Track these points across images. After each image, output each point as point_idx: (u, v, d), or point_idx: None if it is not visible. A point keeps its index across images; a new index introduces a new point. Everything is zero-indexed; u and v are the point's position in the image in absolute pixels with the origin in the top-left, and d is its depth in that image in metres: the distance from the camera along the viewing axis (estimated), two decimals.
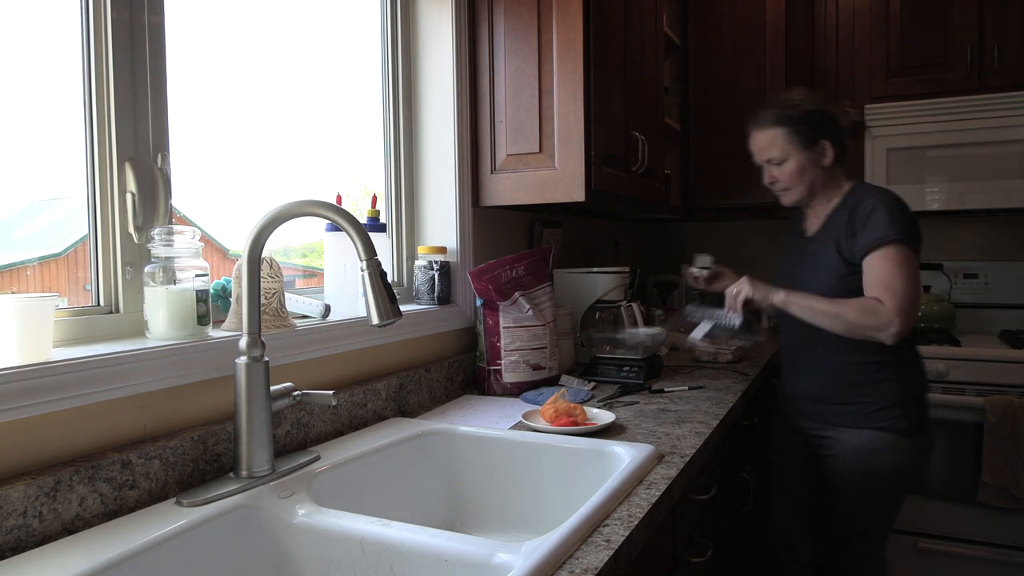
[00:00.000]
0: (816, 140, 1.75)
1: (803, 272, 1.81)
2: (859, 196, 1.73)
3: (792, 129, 1.75)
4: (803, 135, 1.74)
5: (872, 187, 1.77)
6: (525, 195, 1.87)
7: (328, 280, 1.55)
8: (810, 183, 1.78)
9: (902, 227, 1.63)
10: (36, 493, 0.87)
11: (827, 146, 1.75)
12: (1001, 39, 2.62)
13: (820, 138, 1.75)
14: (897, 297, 1.61)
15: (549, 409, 1.43)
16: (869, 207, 1.68)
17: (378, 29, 1.85)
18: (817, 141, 1.75)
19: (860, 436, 1.73)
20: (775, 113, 1.77)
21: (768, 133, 1.78)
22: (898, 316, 1.60)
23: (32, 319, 0.92)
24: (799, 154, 1.76)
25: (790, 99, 1.79)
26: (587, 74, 1.79)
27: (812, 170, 1.77)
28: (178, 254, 1.12)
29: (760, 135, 1.80)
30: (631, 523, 0.95)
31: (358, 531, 0.93)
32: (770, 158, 1.79)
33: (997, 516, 2.40)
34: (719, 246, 3.55)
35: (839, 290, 1.70)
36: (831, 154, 1.76)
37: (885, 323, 1.61)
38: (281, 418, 1.24)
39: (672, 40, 2.81)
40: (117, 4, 1.11)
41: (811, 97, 1.79)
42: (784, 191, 1.83)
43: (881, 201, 1.68)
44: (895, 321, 1.60)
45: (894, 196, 1.70)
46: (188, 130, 1.28)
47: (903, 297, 1.61)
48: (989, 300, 2.95)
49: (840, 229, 1.72)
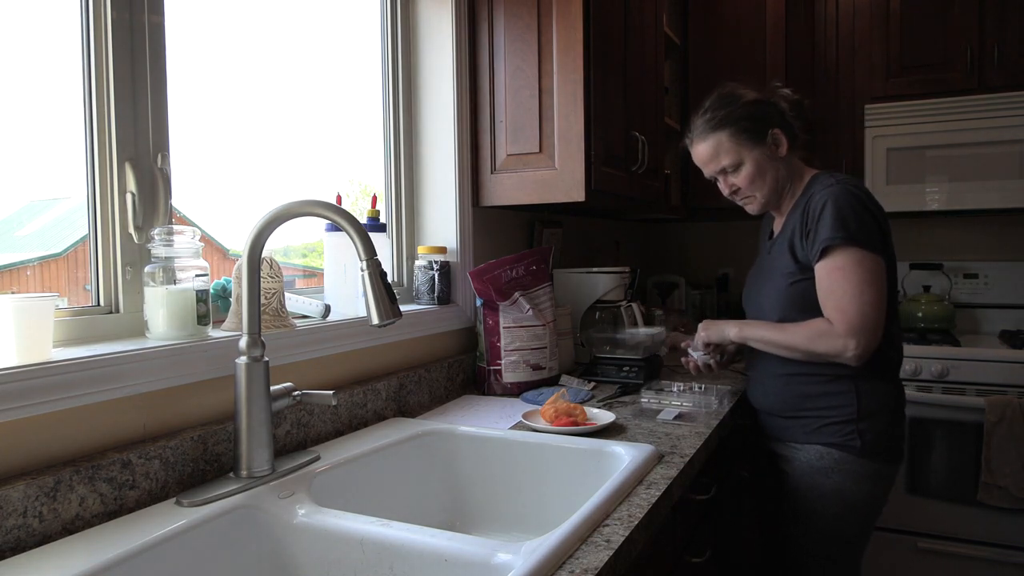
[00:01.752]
0: (765, 131, 1.58)
1: (761, 277, 1.68)
2: (812, 192, 1.56)
3: (735, 128, 1.58)
4: (749, 131, 1.58)
5: (826, 179, 1.57)
6: (525, 195, 1.87)
7: (328, 280, 1.55)
8: (773, 181, 1.61)
9: (851, 226, 1.45)
10: (36, 493, 0.87)
11: (779, 134, 1.58)
12: (1001, 39, 2.62)
13: (768, 128, 1.58)
14: (847, 315, 1.45)
15: (549, 409, 1.43)
16: (819, 205, 1.50)
17: (378, 29, 1.85)
18: (766, 132, 1.58)
19: (809, 452, 1.59)
20: (709, 117, 1.61)
21: (709, 141, 1.61)
22: (851, 337, 1.44)
23: (32, 319, 0.92)
24: (752, 152, 1.58)
25: (720, 98, 1.63)
26: (587, 74, 1.79)
27: (772, 165, 1.60)
28: (178, 254, 1.12)
29: (702, 146, 1.63)
30: (631, 523, 0.95)
31: (358, 531, 0.93)
32: (722, 167, 1.62)
33: (997, 516, 2.40)
34: (719, 246, 3.55)
35: (791, 296, 1.56)
36: (785, 142, 1.59)
37: (840, 348, 1.46)
38: (281, 418, 1.24)
39: (672, 40, 2.81)
40: (117, 4, 1.11)
41: (739, 89, 1.63)
42: (748, 199, 1.65)
43: (830, 196, 1.49)
44: (849, 343, 1.44)
45: (846, 188, 1.51)
46: (188, 130, 1.28)
47: (853, 314, 1.44)
48: (989, 300, 2.95)
49: (795, 228, 1.56)
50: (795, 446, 1.63)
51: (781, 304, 1.59)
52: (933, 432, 2.49)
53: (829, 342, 1.47)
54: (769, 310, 1.62)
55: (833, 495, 1.57)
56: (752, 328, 1.62)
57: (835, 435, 1.55)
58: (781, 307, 1.59)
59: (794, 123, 1.63)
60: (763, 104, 1.62)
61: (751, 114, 1.59)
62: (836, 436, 1.55)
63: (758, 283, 1.70)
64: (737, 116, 1.59)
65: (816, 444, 1.58)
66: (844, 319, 1.46)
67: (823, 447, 1.57)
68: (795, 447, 1.63)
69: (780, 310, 1.59)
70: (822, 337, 1.48)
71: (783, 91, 1.65)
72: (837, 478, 1.56)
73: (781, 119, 1.61)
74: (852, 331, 1.45)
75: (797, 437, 1.62)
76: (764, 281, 1.67)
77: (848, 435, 1.54)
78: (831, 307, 1.48)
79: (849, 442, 1.54)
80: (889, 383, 1.59)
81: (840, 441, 1.55)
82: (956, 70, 2.69)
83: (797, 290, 1.56)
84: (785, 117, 1.62)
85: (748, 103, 1.61)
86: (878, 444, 1.54)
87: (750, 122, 1.59)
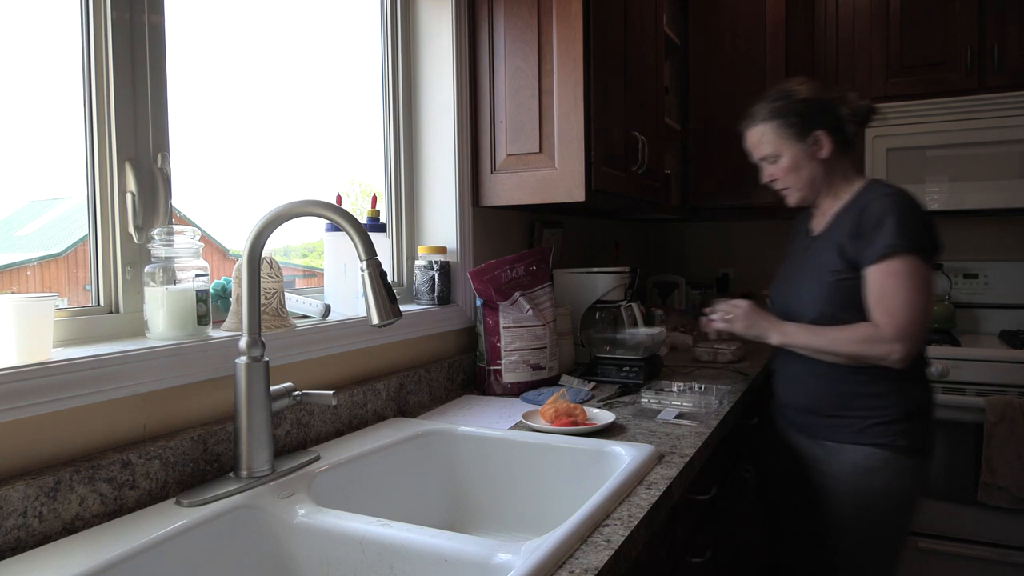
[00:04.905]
0: (809, 132, 1.64)
1: (801, 273, 1.71)
2: (870, 197, 1.61)
3: (782, 122, 1.66)
4: (794, 127, 1.65)
5: (884, 187, 1.62)
6: (525, 195, 1.87)
7: (328, 280, 1.55)
8: (809, 179, 1.68)
9: (912, 236, 1.51)
10: (36, 493, 0.87)
11: (822, 137, 1.64)
12: (1001, 39, 2.62)
13: (813, 129, 1.64)
14: (897, 320, 1.50)
15: (549, 409, 1.43)
16: (879, 211, 1.55)
17: (378, 29, 1.85)
18: (810, 133, 1.64)
19: (856, 453, 1.60)
20: (764, 107, 1.69)
21: (759, 129, 1.70)
22: (899, 341, 1.49)
23: (32, 319, 0.92)
24: (792, 148, 1.66)
25: (781, 90, 1.70)
26: (587, 74, 1.79)
27: (809, 164, 1.66)
28: (178, 254, 1.12)
29: (752, 132, 1.72)
30: (631, 523, 0.95)
31: (358, 531, 0.93)
32: (764, 155, 1.71)
33: (997, 516, 2.40)
34: (719, 246, 3.55)
35: (835, 293, 1.60)
36: (828, 145, 1.64)
37: (885, 352, 1.51)
38: (281, 418, 1.24)
39: (672, 40, 2.81)
40: (117, 4, 1.11)
41: (804, 86, 1.68)
42: (784, 190, 1.73)
43: (892, 205, 1.55)
44: (896, 348, 1.49)
45: (907, 198, 1.57)
46: (188, 130, 1.28)
47: (904, 319, 1.49)
48: (989, 300, 2.95)
49: (846, 230, 1.60)
50: (838, 446, 1.63)
51: (822, 300, 1.62)
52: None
53: (876, 347, 1.52)
54: (807, 304, 1.66)
55: (881, 493, 1.59)
56: (794, 335, 1.65)
57: (882, 435, 1.57)
58: (822, 303, 1.62)
59: (849, 129, 1.67)
60: (816, 104, 1.66)
61: (800, 111, 1.65)
62: (883, 436, 1.57)
63: (795, 279, 1.73)
64: (786, 111, 1.66)
65: (862, 444, 1.59)
66: (893, 323, 1.50)
67: (870, 447, 1.58)
68: (838, 447, 1.63)
69: (820, 306, 1.63)
70: (868, 342, 1.53)
71: (851, 96, 1.69)
72: (885, 476, 1.58)
73: (833, 123, 1.66)
74: (900, 336, 1.50)
75: (841, 437, 1.62)
76: (803, 277, 1.70)
77: (894, 435, 1.57)
78: (881, 310, 1.52)
79: (895, 442, 1.57)
80: (923, 383, 1.63)
81: (887, 441, 1.57)
82: (956, 70, 2.69)
83: (842, 287, 1.59)
84: (841, 122, 1.66)
85: (800, 100, 1.66)
86: (918, 441, 1.58)
87: (797, 118, 1.65)
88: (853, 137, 1.69)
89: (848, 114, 1.66)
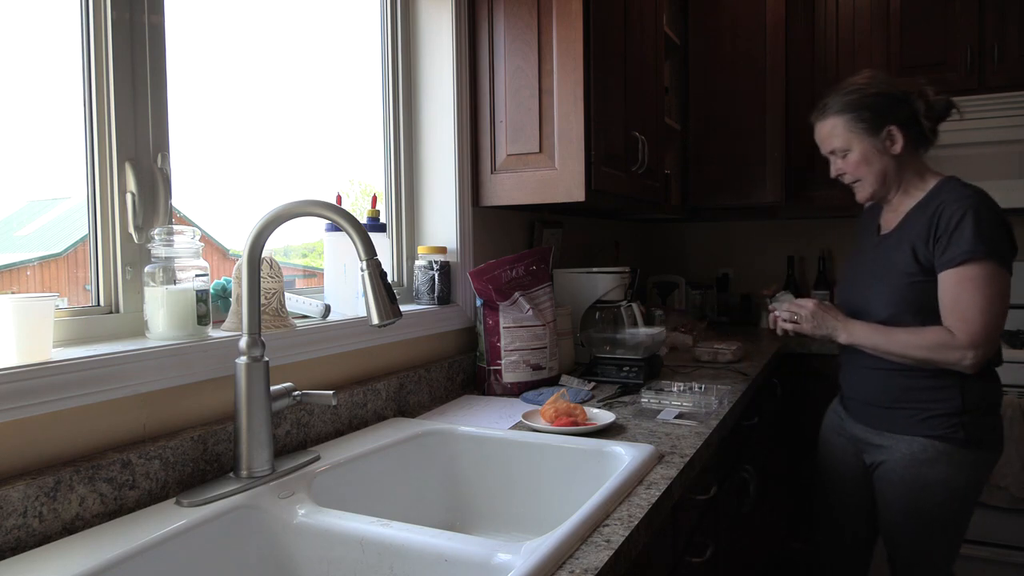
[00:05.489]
0: (882, 126, 1.63)
1: (873, 272, 1.69)
2: (946, 196, 1.58)
3: (854, 116, 1.64)
4: (866, 121, 1.64)
5: (962, 187, 1.59)
6: (525, 195, 1.87)
7: (328, 280, 1.55)
8: (880, 173, 1.66)
9: (990, 241, 1.50)
10: (36, 493, 0.87)
11: (895, 131, 1.62)
12: (1001, 39, 2.62)
13: (886, 123, 1.63)
14: (971, 327, 1.50)
15: (549, 409, 1.43)
16: (956, 214, 1.53)
17: (378, 29, 1.85)
18: (883, 127, 1.63)
19: (912, 444, 1.60)
20: (835, 100, 1.68)
21: (829, 122, 1.69)
22: (971, 348, 1.50)
23: (32, 319, 0.92)
24: (863, 142, 1.65)
25: (852, 83, 1.68)
26: (587, 74, 1.79)
27: (880, 159, 1.65)
28: (178, 254, 1.12)
29: (821, 125, 1.71)
30: (631, 523, 0.95)
31: (358, 531, 0.93)
32: (833, 149, 1.70)
33: (997, 516, 2.40)
34: (719, 246, 3.55)
35: (909, 295, 1.59)
36: (901, 140, 1.63)
37: (957, 358, 1.52)
38: (281, 418, 1.24)
39: (672, 40, 2.81)
40: (117, 4, 1.11)
41: (876, 79, 1.67)
42: (855, 184, 1.71)
43: (970, 208, 1.52)
44: (968, 354, 1.50)
45: (984, 201, 1.55)
46: (188, 130, 1.28)
47: (978, 326, 1.49)
48: None
49: (920, 230, 1.58)
50: (894, 436, 1.64)
51: (895, 301, 1.62)
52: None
53: (948, 353, 1.53)
54: (879, 305, 1.65)
55: (939, 484, 1.58)
56: (863, 335, 1.65)
57: (939, 427, 1.57)
58: (894, 304, 1.62)
59: (925, 124, 1.64)
60: (889, 98, 1.64)
61: (872, 105, 1.63)
62: (940, 428, 1.57)
63: (865, 278, 1.72)
64: (858, 105, 1.64)
65: (919, 436, 1.60)
66: (967, 330, 1.50)
67: (926, 439, 1.59)
68: (894, 437, 1.64)
69: (892, 307, 1.62)
70: (940, 348, 1.53)
71: (928, 90, 1.65)
72: (942, 467, 1.57)
73: (908, 117, 1.63)
74: (973, 343, 1.50)
75: (897, 427, 1.64)
76: (875, 277, 1.68)
77: (952, 427, 1.56)
78: (956, 316, 1.52)
79: (952, 434, 1.56)
80: (990, 380, 1.62)
81: (943, 433, 1.57)
82: (956, 70, 2.69)
83: (915, 290, 1.58)
84: (916, 116, 1.64)
85: (874, 94, 1.64)
86: (979, 434, 1.57)
87: (869, 112, 1.64)
88: (929, 133, 1.66)
89: (924, 109, 1.63)
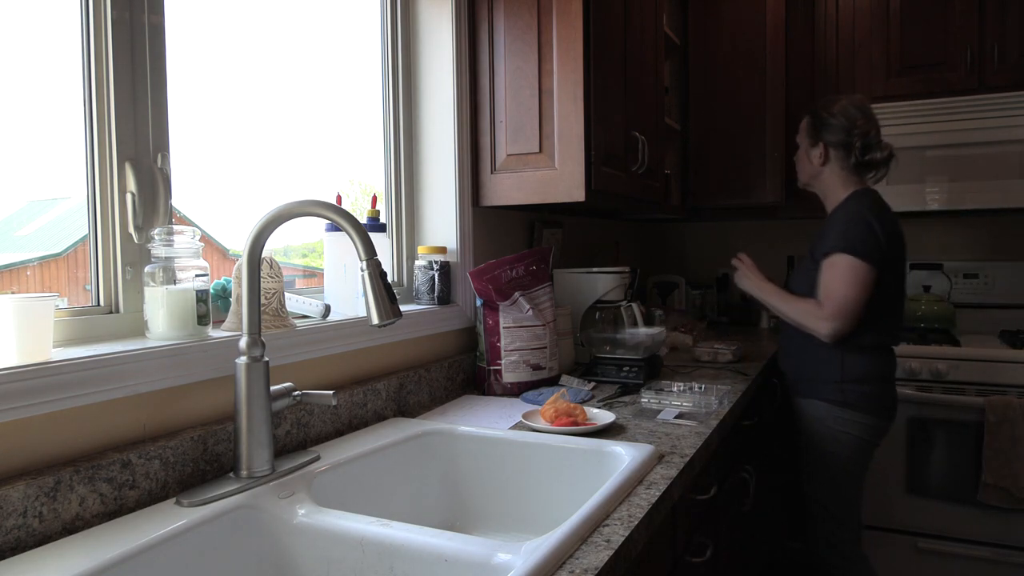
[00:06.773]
0: (818, 140, 2.04)
1: (801, 261, 2.11)
2: (841, 205, 1.98)
3: (808, 123, 2.08)
4: (812, 129, 2.06)
5: (853, 199, 1.96)
6: (525, 195, 1.87)
7: (328, 280, 1.55)
8: (807, 173, 2.11)
9: (851, 239, 1.86)
10: (36, 493, 0.87)
11: (824, 149, 2.02)
12: (1001, 39, 2.62)
13: (821, 140, 2.03)
14: (833, 302, 1.87)
15: (549, 409, 1.43)
16: (836, 217, 1.95)
17: (378, 29, 1.85)
18: (817, 141, 2.04)
19: (810, 406, 2.02)
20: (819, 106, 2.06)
21: (806, 119, 2.10)
22: (831, 319, 1.88)
23: (32, 319, 0.92)
24: (804, 145, 2.10)
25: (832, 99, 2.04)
26: (587, 74, 1.79)
27: (807, 163, 2.09)
28: (178, 254, 1.12)
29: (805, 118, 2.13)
30: (631, 523, 0.95)
31: (358, 531, 0.93)
32: (797, 140, 2.15)
33: (997, 516, 2.40)
34: (719, 246, 3.55)
35: (811, 280, 1.96)
36: (823, 157, 2.03)
37: (817, 326, 1.91)
38: (281, 418, 1.24)
39: (672, 40, 2.81)
40: (117, 4, 1.11)
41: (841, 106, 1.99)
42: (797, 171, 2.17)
43: (844, 213, 1.94)
44: (826, 324, 1.88)
45: (858, 209, 1.91)
46: (188, 130, 1.28)
47: (838, 303, 1.86)
48: (989, 300, 2.95)
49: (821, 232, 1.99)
50: (804, 400, 2.05)
51: (804, 284, 2.01)
52: (933, 432, 2.49)
53: (812, 320, 1.93)
54: (797, 286, 2.05)
55: (827, 437, 1.98)
56: (765, 293, 2.08)
57: (825, 392, 1.98)
58: (805, 286, 2.01)
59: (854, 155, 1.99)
60: (834, 126, 2.00)
61: (821, 123, 2.04)
62: (825, 393, 1.98)
63: (802, 265, 2.11)
64: (815, 117, 2.06)
65: (814, 399, 2.01)
66: (830, 304, 1.89)
67: (818, 401, 2.00)
68: (804, 401, 2.04)
69: (803, 288, 2.02)
70: (808, 314, 1.95)
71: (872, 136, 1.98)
72: (829, 424, 1.97)
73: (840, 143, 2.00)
74: (833, 315, 1.88)
75: (803, 392, 2.05)
76: (801, 266, 2.09)
77: (833, 392, 1.96)
78: (823, 295, 1.92)
79: (834, 397, 1.96)
80: (874, 356, 1.95)
81: (829, 396, 1.97)
82: (956, 70, 2.69)
83: (813, 277, 1.97)
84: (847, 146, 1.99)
85: (827, 115, 2.01)
86: (859, 400, 1.94)
87: (815, 127, 2.06)
88: (869, 160, 1.98)
89: (860, 146, 1.98)
